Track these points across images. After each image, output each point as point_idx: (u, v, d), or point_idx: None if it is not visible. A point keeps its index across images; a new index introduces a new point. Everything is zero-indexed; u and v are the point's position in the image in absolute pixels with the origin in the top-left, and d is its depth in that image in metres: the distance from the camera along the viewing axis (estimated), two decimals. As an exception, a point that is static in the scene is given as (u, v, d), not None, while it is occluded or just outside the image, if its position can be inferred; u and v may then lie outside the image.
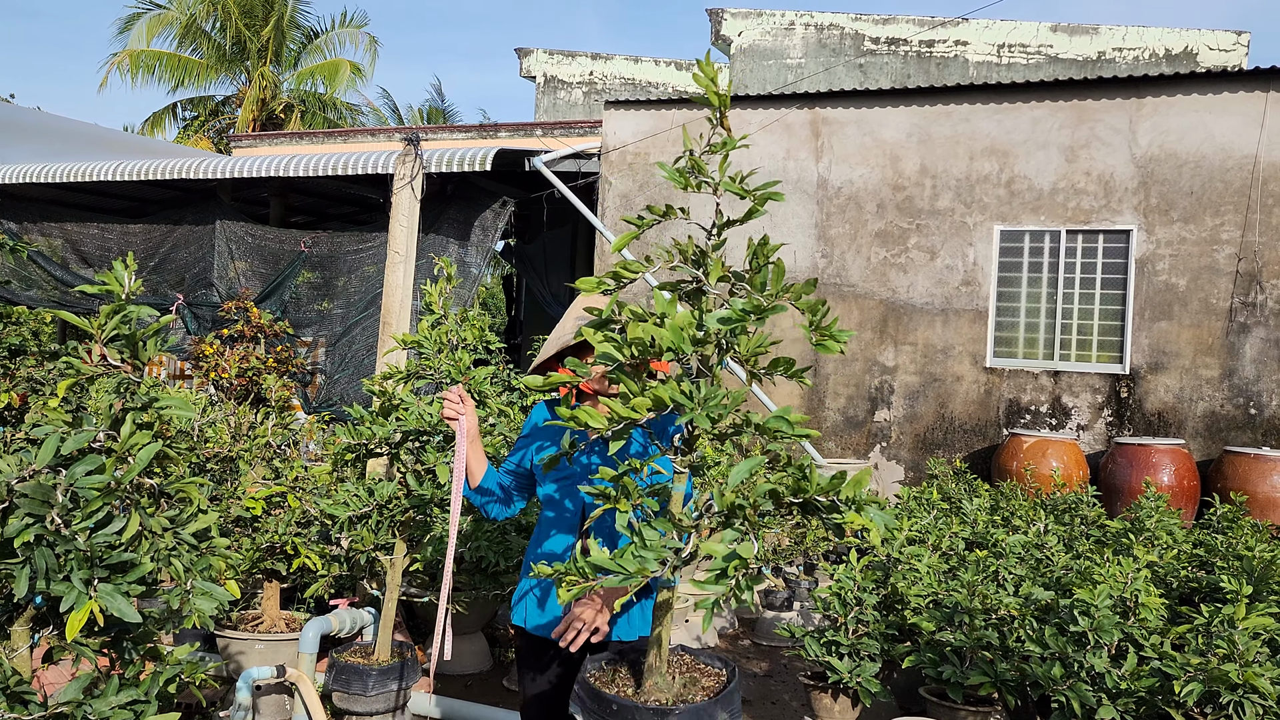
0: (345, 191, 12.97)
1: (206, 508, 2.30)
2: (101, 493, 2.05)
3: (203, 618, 2.24)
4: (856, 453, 10.27)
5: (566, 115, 19.59)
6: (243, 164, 10.98)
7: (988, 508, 6.24)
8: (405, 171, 6.12)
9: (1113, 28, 16.18)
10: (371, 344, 10.43)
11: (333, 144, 15.50)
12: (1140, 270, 9.43)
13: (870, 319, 10.30)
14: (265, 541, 4.50)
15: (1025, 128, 9.85)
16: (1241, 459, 8.41)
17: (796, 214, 10.53)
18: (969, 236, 9.98)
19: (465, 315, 4.21)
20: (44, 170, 11.71)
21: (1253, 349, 9.09)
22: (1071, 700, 3.40)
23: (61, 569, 2.00)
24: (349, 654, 3.96)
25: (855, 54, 16.81)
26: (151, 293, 11.69)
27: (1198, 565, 5.19)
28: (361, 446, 3.96)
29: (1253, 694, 3.17)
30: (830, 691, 4.17)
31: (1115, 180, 9.54)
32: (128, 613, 2.04)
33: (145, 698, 2.21)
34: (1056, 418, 9.62)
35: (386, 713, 3.91)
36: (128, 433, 2.13)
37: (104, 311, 2.14)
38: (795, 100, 10.60)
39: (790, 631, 4.44)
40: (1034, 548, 5.01)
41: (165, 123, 25.34)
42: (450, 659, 5.43)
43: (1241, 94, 9.20)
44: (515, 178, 11.32)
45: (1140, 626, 3.66)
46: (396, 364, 4.09)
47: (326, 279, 11.26)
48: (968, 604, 4.15)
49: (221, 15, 23.35)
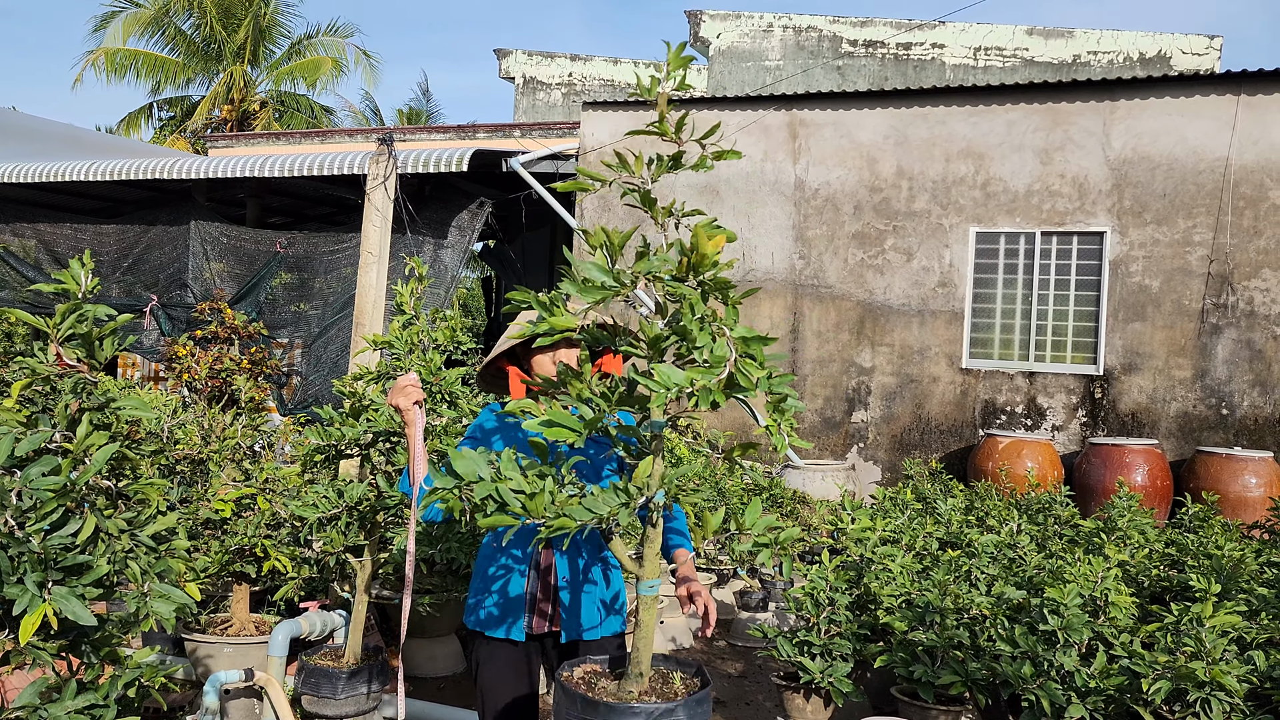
0: (322, 192, 12.90)
1: (165, 509, 2.27)
2: (56, 494, 2.02)
3: (162, 620, 2.21)
4: (834, 454, 10.29)
5: (546, 116, 19.56)
6: (218, 164, 10.91)
7: (962, 508, 6.26)
8: (379, 171, 6.09)
9: (1088, 31, 16.31)
10: (347, 345, 10.36)
11: (310, 144, 15.42)
12: (1114, 272, 9.49)
13: (847, 320, 10.32)
14: (235, 544, 4.46)
15: (1001, 130, 9.90)
16: (1213, 459, 8.48)
17: (774, 215, 10.55)
18: (945, 238, 10.02)
19: (437, 316, 4.19)
20: (17, 170, 11.60)
21: (1225, 350, 9.17)
22: (1041, 699, 3.41)
23: (15, 571, 1.97)
24: (319, 657, 3.92)
25: (833, 56, 16.86)
26: (125, 294, 11.59)
27: (1169, 564, 5.23)
28: (331, 448, 3.93)
29: (1219, 691, 3.19)
30: (803, 692, 4.17)
31: (1089, 182, 9.61)
32: (83, 616, 2.01)
33: (104, 702, 2.18)
34: (1032, 418, 9.68)
35: (357, 715, 3.88)
36: (84, 433, 2.10)
37: (60, 310, 2.11)
38: (773, 102, 10.62)
39: (763, 632, 4.43)
40: (1007, 547, 5.03)
41: (141, 123, 25.14)
42: (420, 661, 5.39)
43: (1214, 97, 9.29)
44: (494, 179, 11.29)
45: (1110, 625, 3.68)
46: (368, 365, 4.06)
47: (303, 280, 11.20)
48: (940, 604, 4.16)
49: (198, 13, 23.17)
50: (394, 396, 2.84)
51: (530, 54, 20.15)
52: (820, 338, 10.35)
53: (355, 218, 11.29)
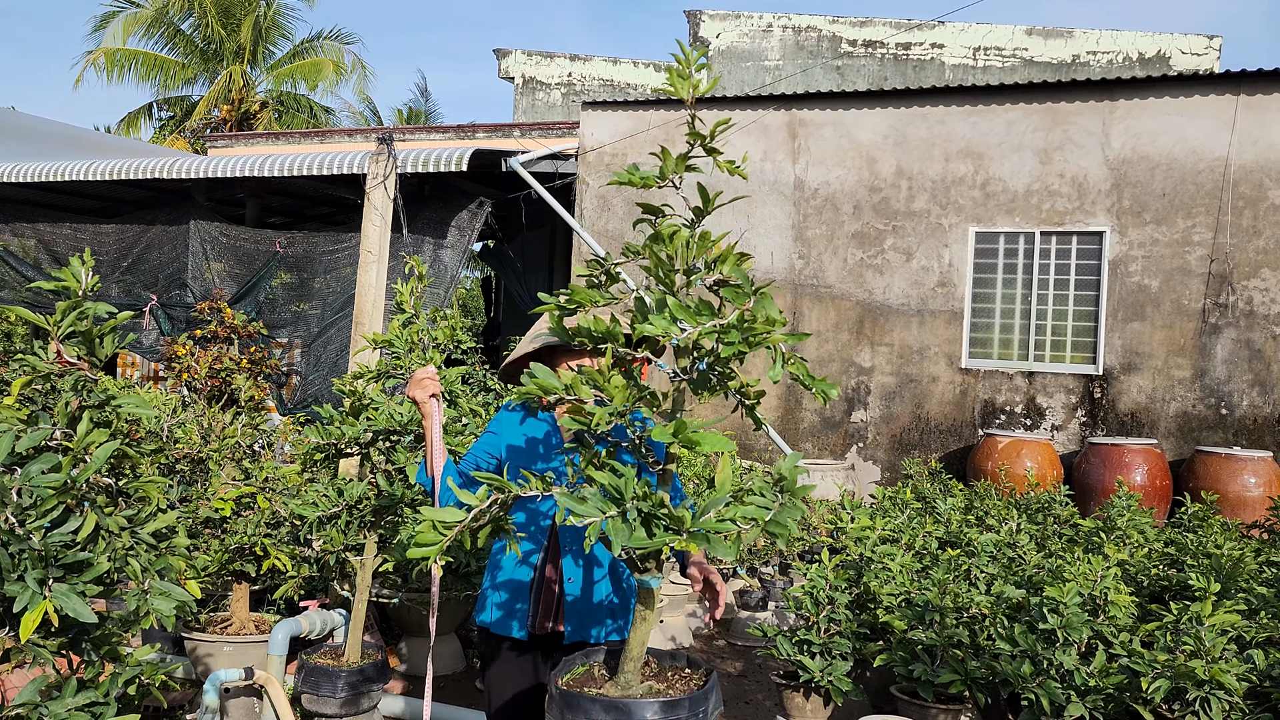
0: (322, 192, 12.89)
1: (166, 507, 2.27)
2: (57, 491, 2.02)
3: (162, 618, 2.21)
4: (834, 454, 10.29)
5: (545, 116, 19.56)
6: (217, 164, 10.90)
7: (962, 507, 6.26)
8: (378, 170, 6.09)
9: (1087, 31, 16.32)
10: (346, 345, 10.36)
11: (310, 144, 15.41)
12: (1113, 271, 9.50)
13: (847, 320, 10.33)
14: (234, 543, 4.46)
15: (1000, 130, 9.90)
16: (1213, 459, 8.48)
17: (774, 215, 10.55)
18: (944, 238, 10.02)
19: (437, 315, 4.19)
20: (17, 170, 11.60)
21: (1224, 350, 9.18)
22: (1041, 698, 3.41)
23: (15, 569, 1.97)
24: (319, 656, 3.92)
25: (832, 56, 16.86)
26: (125, 293, 11.58)
27: (1169, 564, 5.23)
28: (331, 446, 3.93)
29: (1219, 690, 3.19)
30: (802, 690, 4.17)
31: (1089, 182, 9.61)
32: (83, 613, 2.01)
33: (104, 700, 2.18)
34: (1031, 418, 9.68)
35: (357, 714, 3.88)
36: (84, 431, 2.10)
37: (60, 308, 2.11)
38: (773, 101, 10.62)
39: (763, 631, 4.43)
40: (1006, 547, 5.03)
41: (141, 123, 25.14)
42: (420, 661, 5.39)
43: (1213, 97, 9.29)
44: (494, 179, 11.29)
45: (1109, 624, 3.68)
46: (368, 364, 4.06)
47: (302, 280, 11.18)
48: (939, 603, 4.16)
49: (198, 13, 23.17)
50: (411, 388, 2.87)
51: (530, 54, 20.15)
52: (819, 337, 10.36)
53: (354, 218, 11.30)
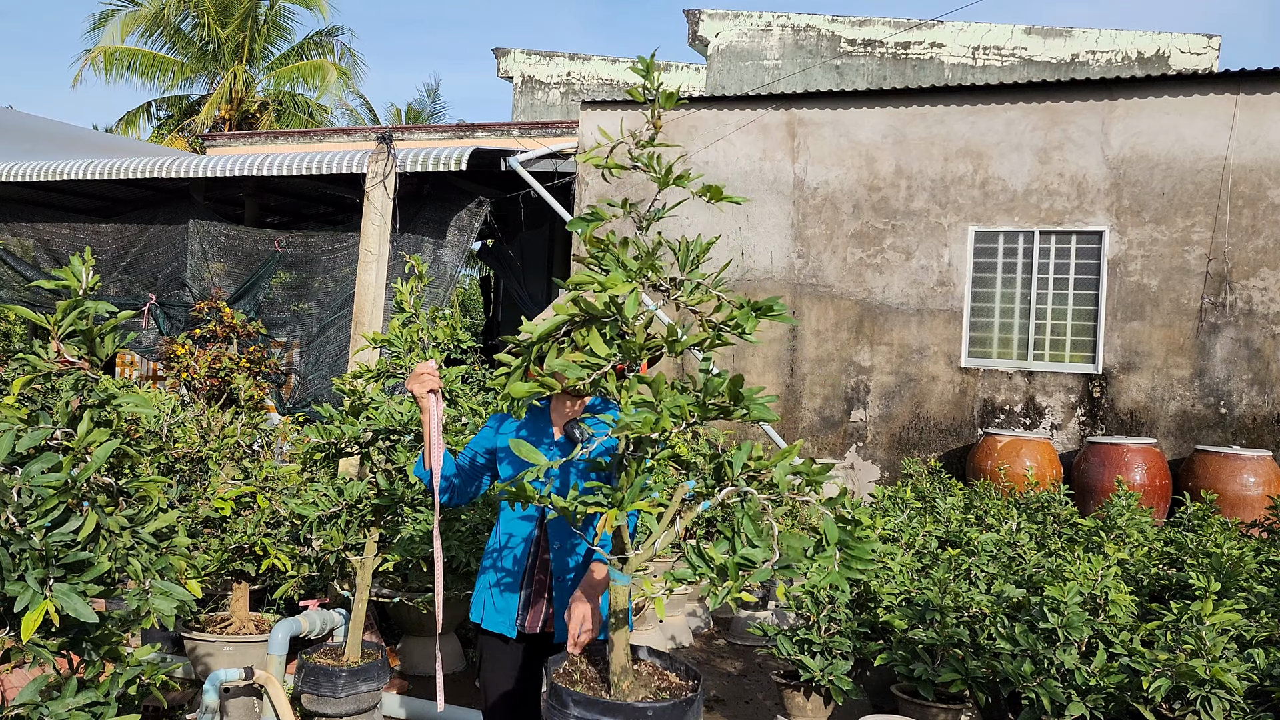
0: (321, 191, 12.89)
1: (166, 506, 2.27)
2: (57, 491, 2.01)
3: (163, 618, 2.21)
4: (833, 453, 10.29)
5: (544, 115, 19.55)
6: (216, 163, 10.89)
7: (961, 507, 6.26)
8: (378, 169, 6.08)
9: (1086, 31, 16.32)
10: (345, 344, 10.36)
11: (308, 144, 15.40)
12: (1112, 271, 9.50)
13: (846, 319, 10.32)
14: (234, 542, 4.45)
15: (999, 129, 9.90)
16: (1212, 458, 8.49)
17: (773, 214, 10.55)
18: (944, 237, 10.02)
19: (436, 314, 4.18)
20: (15, 169, 11.58)
21: (1223, 349, 9.18)
22: (1041, 697, 3.41)
23: (16, 568, 1.97)
24: (318, 655, 3.92)
25: (832, 55, 16.86)
26: (123, 293, 11.57)
27: (1168, 563, 5.23)
28: (331, 445, 3.93)
29: (1219, 689, 3.19)
30: (802, 690, 4.17)
31: (1088, 181, 9.61)
32: (84, 613, 2.01)
33: (105, 699, 2.18)
34: (1030, 417, 9.68)
35: (356, 714, 3.88)
36: (85, 430, 2.10)
37: (61, 307, 2.10)
38: (772, 101, 10.62)
39: (763, 630, 4.43)
40: (1006, 546, 5.03)
41: (139, 122, 25.12)
42: (420, 660, 5.39)
43: (1212, 96, 9.29)
44: (493, 178, 11.28)
45: (1110, 623, 3.68)
46: (368, 363, 4.05)
47: (301, 279, 11.18)
48: (939, 602, 4.16)
49: (195, 13, 23.15)
50: (411, 383, 2.89)
51: (529, 53, 20.14)
52: (819, 337, 10.35)
53: (354, 217, 11.28)
